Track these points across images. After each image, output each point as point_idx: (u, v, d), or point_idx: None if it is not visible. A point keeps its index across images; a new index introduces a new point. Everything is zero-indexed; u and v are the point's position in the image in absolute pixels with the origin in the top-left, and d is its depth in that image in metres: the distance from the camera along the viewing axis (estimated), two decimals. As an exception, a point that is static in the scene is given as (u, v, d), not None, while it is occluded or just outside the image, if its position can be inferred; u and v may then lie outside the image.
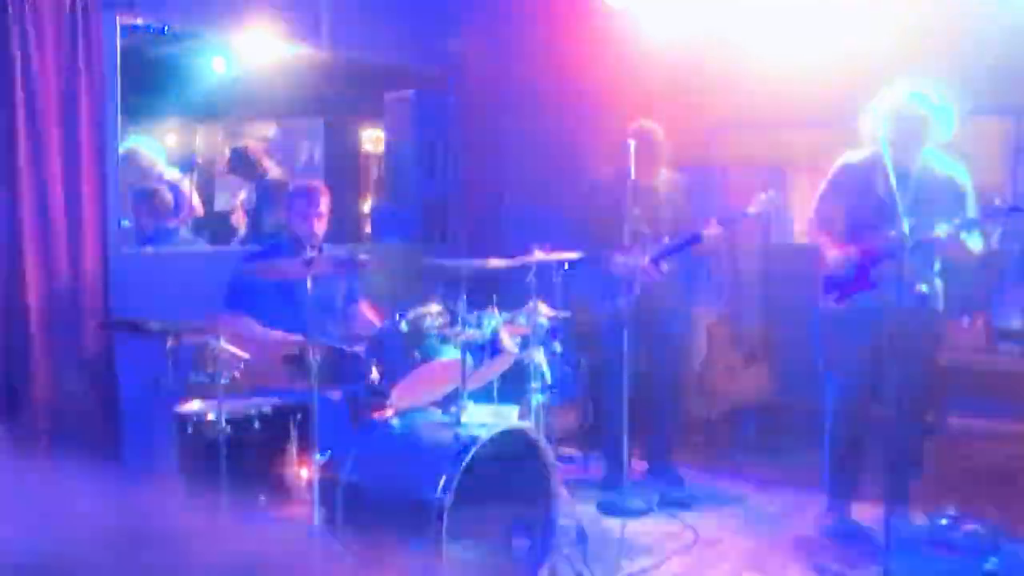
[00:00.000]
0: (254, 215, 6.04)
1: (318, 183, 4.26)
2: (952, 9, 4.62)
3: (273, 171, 6.14)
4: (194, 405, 3.49)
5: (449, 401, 3.73)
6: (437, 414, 3.74)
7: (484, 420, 3.50)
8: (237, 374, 3.32)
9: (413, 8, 5.60)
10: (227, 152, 6.65)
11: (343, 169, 6.88)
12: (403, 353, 3.59)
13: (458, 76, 5.98)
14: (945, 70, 4.03)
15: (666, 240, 4.59)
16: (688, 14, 5.15)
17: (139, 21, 4.30)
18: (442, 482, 3.15)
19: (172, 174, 5.75)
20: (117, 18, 4.17)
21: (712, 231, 4.43)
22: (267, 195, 5.92)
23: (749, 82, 5.13)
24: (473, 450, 3.24)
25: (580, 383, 5.30)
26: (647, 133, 4.56)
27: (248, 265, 3.86)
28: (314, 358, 3.20)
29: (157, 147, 5.82)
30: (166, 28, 4.46)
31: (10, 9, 3.75)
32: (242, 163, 6.18)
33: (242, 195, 6.16)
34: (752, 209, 4.43)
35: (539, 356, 3.83)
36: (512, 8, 5.46)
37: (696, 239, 4.47)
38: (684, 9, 5.16)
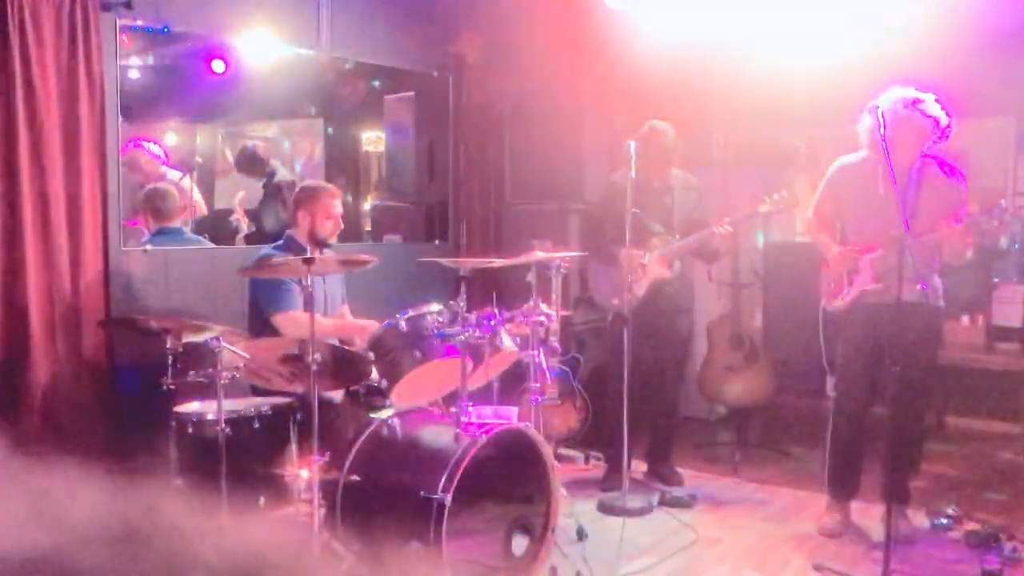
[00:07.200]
0: (259, 214, 6.04)
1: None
2: (952, 10, 4.61)
3: (280, 172, 6.16)
4: (194, 405, 3.50)
5: (449, 401, 3.73)
6: (437, 414, 3.74)
7: (484, 420, 3.50)
8: (237, 374, 3.32)
9: (413, 10, 5.60)
10: (228, 152, 6.65)
11: (344, 169, 6.88)
12: (403, 353, 3.59)
13: (458, 77, 5.99)
14: (945, 71, 4.03)
15: (678, 239, 4.61)
16: (688, 15, 5.15)
17: (138, 22, 4.30)
18: (442, 482, 3.15)
19: (173, 174, 5.76)
20: (116, 19, 4.17)
21: (724, 230, 4.45)
22: (275, 195, 5.93)
23: (749, 82, 5.14)
24: (473, 450, 3.24)
25: (580, 383, 5.30)
26: (659, 134, 4.59)
27: (257, 265, 3.85)
28: (314, 358, 3.20)
29: (157, 147, 5.83)
30: (166, 29, 4.46)
31: (10, 9, 3.75)
32: (249, 163, 6.19)
33: (240, 194, 6.16)
34: (764, 208, 4.46)
35: (539, 356, 3.83)
36: (511, 10, 5.46)
37: (708, 237, 4.49)
38: (684, 10, 5.16)
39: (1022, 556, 3.78)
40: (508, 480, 3.55)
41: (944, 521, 4.17)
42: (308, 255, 3.26)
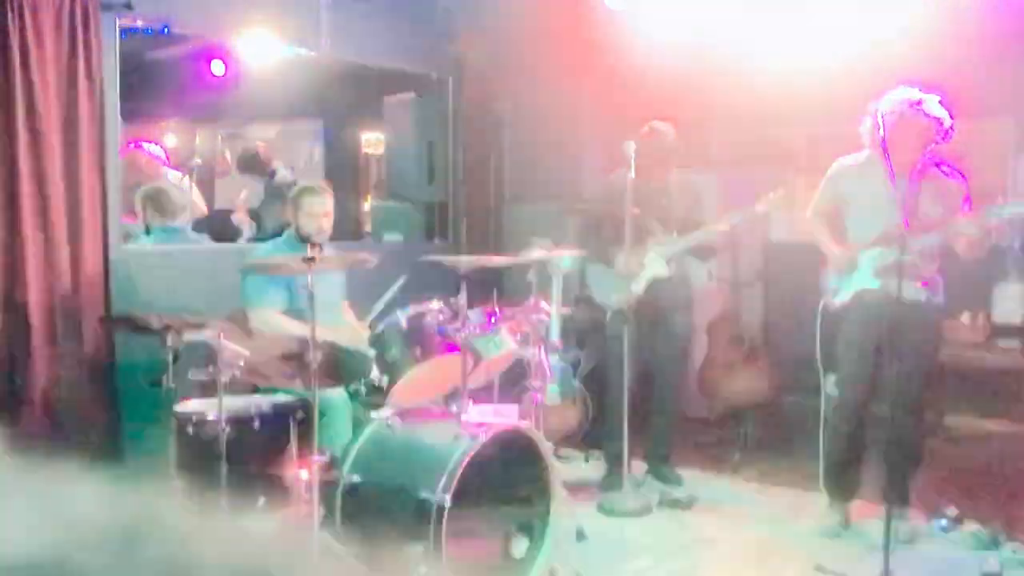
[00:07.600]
0: (260, 215, 6.04)
1: (325, 183, 4.29)
2: (952, 10, 4.62)
3: (281, 172, 6.16)
4: (194, 404, 3.49)
5: (449, 400, 3.73)
6: (437, 413, 3.74)
7: (484, 420, 3.50)
8: (237, 372, 3.31)
9: (412, 11, 5.60)
10: (227, 153, 6.65)
11: (343, 169, 6.88)
12: (404, 352, 3.58)
13: (457, 78, 5.99)
14: (945, 71, 4.03)
15: (675, 238, 4.61)
16: (688, 15, 5.15)
17: (138, 23, 4.30)
18: (442, 482, 3.15)
19: (172, 175, 5.76)
20: (116, 20, 4.17)
21: (721, 228, 4.46)
22: (276, 195, 5.93)
23: (749, 82, 5.14)
24: (473, 450, 3.24)
25: (580, 382, 5.30)
26: (659, 134, 4.60)
27: (254, 262, 3.86)
28: (314, 356, 3.20)
29: (157, 148, 5.83)
30: (166, 29, 4.46)
31: (10, 10, 3.75)
32: (251, 164, 6.20)
33: (243, 194, 6.18)
34: (760, 207, 4.47)
35: (539, 354, 3.83)
36: (511, 10, 5.46)
37: (706, 236, 4.50)
38: (684, 10, 5.16)
39: (1022, 556, 3.78)
40: (508, 480, 3.54)
41: (944, 521, 4.16)
42: (308, 254, 3.25)
